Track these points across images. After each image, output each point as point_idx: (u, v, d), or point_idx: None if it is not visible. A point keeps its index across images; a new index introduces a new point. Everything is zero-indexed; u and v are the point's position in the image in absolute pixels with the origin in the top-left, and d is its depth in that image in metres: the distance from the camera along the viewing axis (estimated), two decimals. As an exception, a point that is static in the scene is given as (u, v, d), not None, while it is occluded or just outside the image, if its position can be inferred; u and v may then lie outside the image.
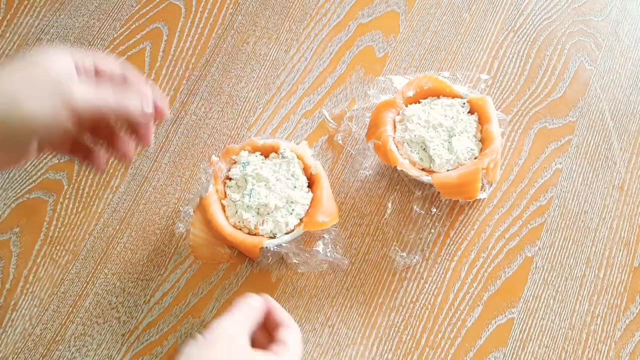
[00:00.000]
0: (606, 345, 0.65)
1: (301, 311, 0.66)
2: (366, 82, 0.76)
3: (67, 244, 0.69)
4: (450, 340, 0.65)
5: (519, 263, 0.68)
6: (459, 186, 0.65)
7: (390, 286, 0.67)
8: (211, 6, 0.81)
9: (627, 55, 0.78)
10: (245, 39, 0.80)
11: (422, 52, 0.78)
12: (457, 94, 0.70)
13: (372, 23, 0.80)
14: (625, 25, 0.79)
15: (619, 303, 0.66)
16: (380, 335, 0.65)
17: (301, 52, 0.79)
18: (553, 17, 0.80)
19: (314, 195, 0.66)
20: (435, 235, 0.69)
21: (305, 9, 0.81)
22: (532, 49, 0.78)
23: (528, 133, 0.74)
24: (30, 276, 0.68)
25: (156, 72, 0.78)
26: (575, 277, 0.67)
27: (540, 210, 0.70)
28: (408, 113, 0.69)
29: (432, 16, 0.80)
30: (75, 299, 0.67)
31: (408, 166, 0.67)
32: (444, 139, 0.67)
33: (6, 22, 0.80)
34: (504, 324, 0.66)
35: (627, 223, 0.70)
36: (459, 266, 0.68)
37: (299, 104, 0.76)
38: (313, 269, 0.67)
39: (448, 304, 0.66)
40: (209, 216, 0.64)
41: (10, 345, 0.65)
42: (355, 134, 0.73)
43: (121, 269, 0.68)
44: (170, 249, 0.69)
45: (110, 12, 0.81)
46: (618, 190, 0.71)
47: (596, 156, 0.73)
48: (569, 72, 0.77)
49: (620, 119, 0.74)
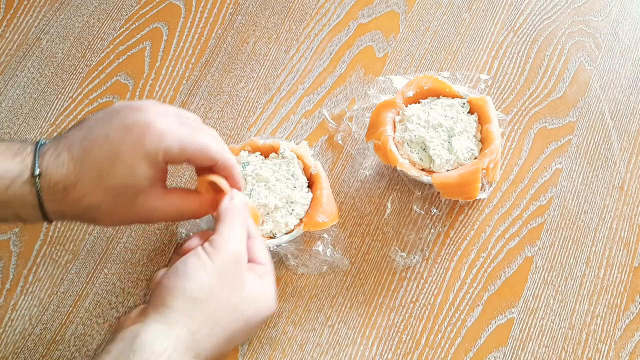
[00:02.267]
0: (606, 345, 0.65)
1: (301, 311, 0.66)
2: (366, 82, 0.76)
3: (67, 244, 0.69)
4: (450, 340, 0.65)
5: (519, 263, 0.68)
6: (459, 186, 0.65)
7: (390, 286, 0.67)
8: (211, 6, 0.81)
9: (627, 55, 0.78)
10: (245, 39, 0.80)
11: (422, 52, 0.78)
12: (457, 94, 0.70)
13: (372, 23, 0.80)
14: (625, 25, 0.79)
15: (619, 303, 0.66)
16: (380, 335, 0.65)
17: (301, 52, 0.79)
18: (553, 17, 0.80)
19: (314, 195, 0.66)
20: (435, 235, 0.69)
21: (305, 9, 0.81)
22: (532, 49, 0.78)
23: (528, 133, 0.74)
24: (30, 276, 0.68)
25: (156, 72, 0.78)
26: (575, 277, 0.67)
27: (540, 210, 0.70)
28: (408, 113, 0.69)
29: (432, 16, 0.80)
30: (75, 299, 0.67)
31: (408, 166, 0.67)
32: (443, 139, 0.67)
33: (6, 22, 0.80)
34: (504, 324, 0.66)
35: (627, 223, 0.70)
36: (459, 266, 0.68)
37: (299, 104, 0.76)
38: (313, 270, 0.67)
39: (448, 304, 0.66)
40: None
41: (10, 345, 0.65)
42: (355, 134, 0.73)
43: (121, 269, 0.68)
44: (170, 249, 0.69)
45: (110, 12, 0.81)
46: (618, 190, 0.71)
47: (596, 156, 0.73)
48: (568, 72, 0.77)
49: (620, 119, 0.74)
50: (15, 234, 0.69)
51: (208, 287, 0.49)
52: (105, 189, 0.50)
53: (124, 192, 0.51)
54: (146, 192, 0.51)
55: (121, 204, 0.51)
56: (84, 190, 0.50)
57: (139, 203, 0.51)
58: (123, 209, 0.52)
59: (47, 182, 0.50)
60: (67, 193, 0.50)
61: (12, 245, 0.69)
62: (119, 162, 0.50)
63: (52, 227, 0.70)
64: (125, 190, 0.51)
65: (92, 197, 0.50)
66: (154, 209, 0.52)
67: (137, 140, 0.50)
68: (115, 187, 0.50)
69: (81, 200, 0.50)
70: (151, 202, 0.52)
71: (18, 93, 0.76)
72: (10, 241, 0.69)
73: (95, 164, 0.50)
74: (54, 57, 0.78)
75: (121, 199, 0.51)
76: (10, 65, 0.78)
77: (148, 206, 0.52)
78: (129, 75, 0.77)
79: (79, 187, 0.50)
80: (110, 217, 0.52)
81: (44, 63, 0.78)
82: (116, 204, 0.51)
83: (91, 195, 0.50)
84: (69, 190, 0.50)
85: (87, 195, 0.50)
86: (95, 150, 0.50)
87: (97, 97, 0.76)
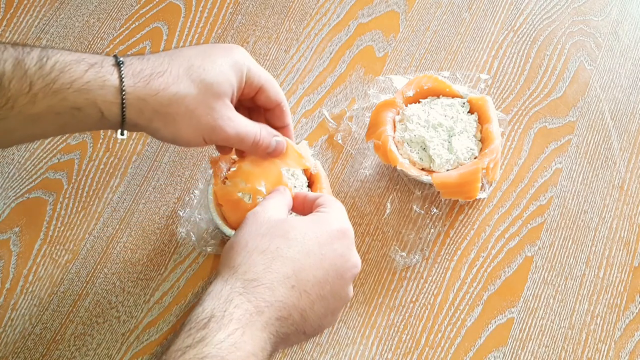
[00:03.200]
0: (606, 344, 0.65)
1: (301, 311, 0.66)
2: (366, 82, 0.76)
3: (67, 243, 0.69)
4: (450, 339, 0.65)
5: (519, 263, 0.68)
6: (458, 186, 0.65)
7: (390, 286, 0.67)
8: (211, 6, 0.81)
9: (627, 55, 0.78)
10: (245, 39, 0.80)
11: (422, 52, 0.78)
12: (457, 93, 0.70)
13: (372, 23, 0.80)
14: (625, 25, 0.79)
15: (618, 303, 0.66)
16: (380, 335, 0.65)
17: (301, 51, 0.78)
18: (553, 17, 0.80)
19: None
20: (435, 235, 0.69)
21: (305, 8, 0.81)
22: (532, 48, 0.78)
23: (528, 133, 0.74)
24: (30, 276, 0.68)
25: (156, 72, 0.77)
26: (575, 277, 0.67)
27: (540, 210, 0.70)
28: (408, 113, 0.69)
29: (432, 16, 0.80)
30: (75, 299, 0.67)
31: (408, 166, 0.67)
32: (443, 138, 0.67)
33: (6, 22, 0.80)
34: (504, 324, 0.66)
35: (627, 223, 0.70)
36: (458, 266, 0.68)
37: (299, 104, 0.76)
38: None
39: (448, 304, 0.66)
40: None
41: (10, 345, 0.65)
42: (355, 133, 0.73)
43: (121, 269, 0.68)
44: (170, 249, 0.69)
45: (110, 12, 0.81)
46: (618, 189, 0.71)
47: (596, 156, 0.73)
48: (568, 72, 0.77)
49: (620, 119, 0.74)
50: (15, 234, 0.69)
51: (253, 243, 0.50)
52: (194, 81, 0.52)
53: (210, 89, 0.52)
54: (225, 101, 0.53)
55: (204, 101, 0.52)
56: (172, 79, 0.51)
57: (218, 107, 0.53)
58: (204, 107, 0.52)
59: (131, 70, 0.51)
60: (153, 79, 0.51)
61: (12, 245, 0.69)
62: (209, 60, 0.53)
63: (52, 227, 0.70)
64: (211, 87, 0.52)
65: (179, 86, 0.51)
66: (229, 118, 0.54)
67: (228, 51, 0.55)
68: (203, 80, 0.52)
69: (168, 88, 0.51)
70: (228, 111, 0.54)
71: (18, 93, 0.76)
72: (10, 241, 0.69)
73: (187, 57, 0.53)
74: (54, 56, 0.78)
75: (205, 96, 0.52)
76: (10, 65, 0.78)
77: (225, 114, 0.53)
78: (129, 75, 0.77)
79: (166, 75, 0.51)
80: (189, 116, 0.52)
81: (44, 63, 0.78)
82: (200, 101, 0.52)
83: (178, 84, 0.51)
84: (156, 77, 0.51)
85: (174, 84, 0.51)
86: (187, 50, 0.54)
87: (97, 96, 0.76)
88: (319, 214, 0.53)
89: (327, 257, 0.50)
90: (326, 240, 0.50)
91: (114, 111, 0.50)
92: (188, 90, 0.51)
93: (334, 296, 0.50)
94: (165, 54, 0.53)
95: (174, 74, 0.51)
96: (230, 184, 0.64)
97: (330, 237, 0.51)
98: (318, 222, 0.52)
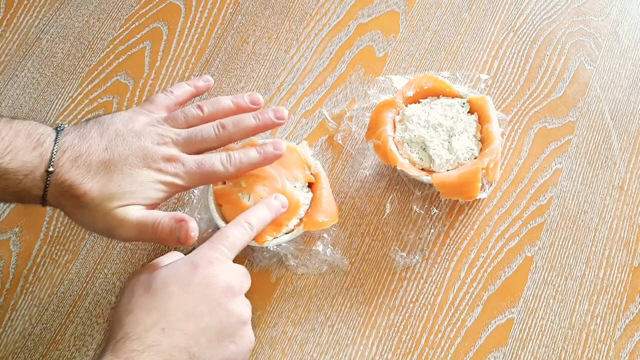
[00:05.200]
0: (606, 345, 0.65)
1: (301, 311, 0.66)
2: (366, 82, 0.76)
3: (67, 243, 0.69)
4: (450, 340, 0.65)
5: (519, 263, 0.68)
6: (458, 186, 0.65)
7: (390, 286, 0.67)
8: (211, 6, 0.81)
9: (627, 55, 0.78)
10: (245, 39, 0.80)
11: (422, 52, 0.78)
12: (457, 93, 0.70)
13: (372, 23, 0.80)
14: (625, 25, 0.79)
15: (618, 303, 0.66)
16: (380, 335, 0.65)
17: (301, 51, 0.79)
18: (553, 17, 0.80)
19: (314, 195, 0.66)
20: (435, 235, 0.69)
21: (305, 8, 0.81)
22: (532, 49, 0.78)
23: (528, 133, 0.74)
24: (30, 276, 0.68)
25: (156, 72, 0.77)
26: (575, 277, 0.67)
27: (540, 210, 0.70)
28: (408, 113, 0.69)
29: (432, 16, 0.80)
30: (75, 299, 0.67)
31: (408, 166, 0.67)
32: (443, 138, 0.67)
33: (6, 22, 0.80)
34: (504, 324, 0.66)
35: (627, 223, 0.70)
36: (458, 266, 0.68)
37: (299, 104, 0.76)
38: (313, 270, 0.67)
39: (448, 304, 0.66)
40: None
41: (10, 345, 0.65)
42: (355, 133, 0.73)
43: (121, 269, 0.68)
44: (170, 249, 0.69)
45: (110, 12, 0.81)
46: (618, 190, 0.71)
47: (596, 156, 0.73)
48: (568, 72, 0.77)
49: (620, 119, 0.74)
50: (15, 234, 0.69)
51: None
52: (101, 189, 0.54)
53: (112, 197, 0.54)
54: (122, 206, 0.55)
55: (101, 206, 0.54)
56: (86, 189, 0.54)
57: (113, 212, 0.54)
58: (101, 212, 0.54)
59: (57, 179, 0.53)
60: (72, 190, 0.53)
61: (12, 245, 0.69)
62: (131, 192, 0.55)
63: (52, 227, 0.70)
64: (114, 196, 0.54)
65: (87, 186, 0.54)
66: (119, 224, 0.55)
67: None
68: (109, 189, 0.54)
69: (81, 185, 0.54)
70: (121, 215, 0.55)
71: (18, 93, 0.76)
72: (10, 241, 0.69)
73: (112, 186, 0.54)
74: (54, 57, 0.78)
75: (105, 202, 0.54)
76: (10, 65, 0.78)
77: (117, 220, 0.55)
78: (128, 75, 0.77)
79: (84, 189, 0.54)
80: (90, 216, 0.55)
81: (44, 63, 0.78)
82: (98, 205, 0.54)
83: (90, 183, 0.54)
84: (74, 190, 0.53)
85: (87, 193, 0.54)
86: (115, 175, 0.54)
87: (97, 97, 0.76)
88: (174, 255, 0.57)
89: (191, 290, 0.51)
90: (184, 275, 0.52)
91: (34, 203, 0.55)
92: (92, 194, 0.54)
93: (220, 322, 0.51)
94: (94, 168, 0.54)
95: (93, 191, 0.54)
96: (231, 184, 0.64)
97: (188, 271, 0.52)
98: (175, 264, 0.53)
